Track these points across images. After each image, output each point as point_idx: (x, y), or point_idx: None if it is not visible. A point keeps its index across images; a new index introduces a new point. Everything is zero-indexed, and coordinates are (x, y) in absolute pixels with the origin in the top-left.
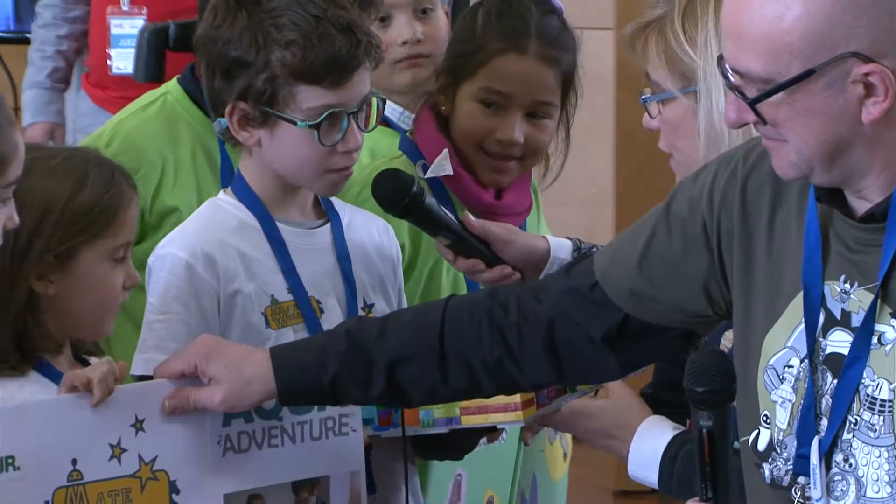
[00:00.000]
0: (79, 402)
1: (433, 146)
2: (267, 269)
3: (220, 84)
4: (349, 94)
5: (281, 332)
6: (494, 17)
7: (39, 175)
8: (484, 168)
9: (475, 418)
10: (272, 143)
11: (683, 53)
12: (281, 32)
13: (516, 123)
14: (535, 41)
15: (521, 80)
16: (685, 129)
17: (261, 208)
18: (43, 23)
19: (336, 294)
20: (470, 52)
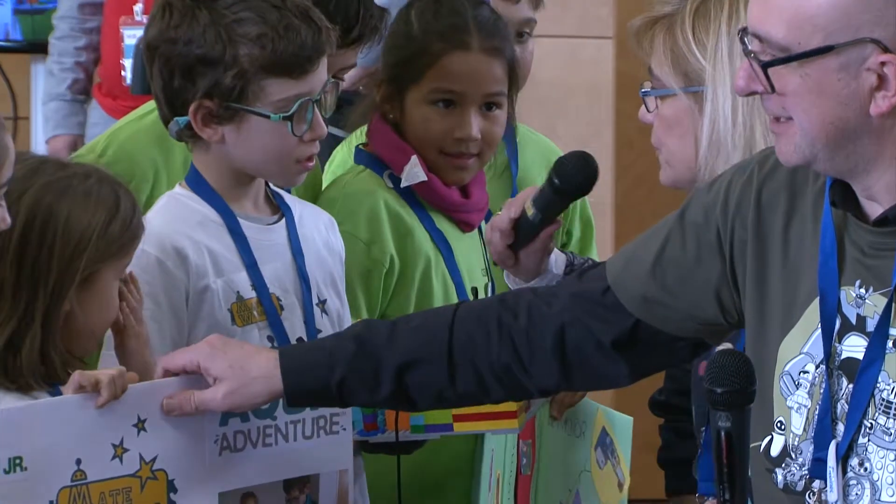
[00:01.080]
0: (85, 402)
1: (398, 155)
2: (232, 265)
3: (181, 83)
4: (314, 81)
5: (246, 330)
6: (431, 18)
7: (76, 201)
8: (445, 169)
9: (468, 425)
10: (238, 138)
11: (690, 54)
12: (245, 27)
13: (472, 119)
14: (476, 35)
15: (469, 75)
16: (680, 128)
17: (221, 202)
18: (60, 34)
19: (294, 291)
20: (412, 57)
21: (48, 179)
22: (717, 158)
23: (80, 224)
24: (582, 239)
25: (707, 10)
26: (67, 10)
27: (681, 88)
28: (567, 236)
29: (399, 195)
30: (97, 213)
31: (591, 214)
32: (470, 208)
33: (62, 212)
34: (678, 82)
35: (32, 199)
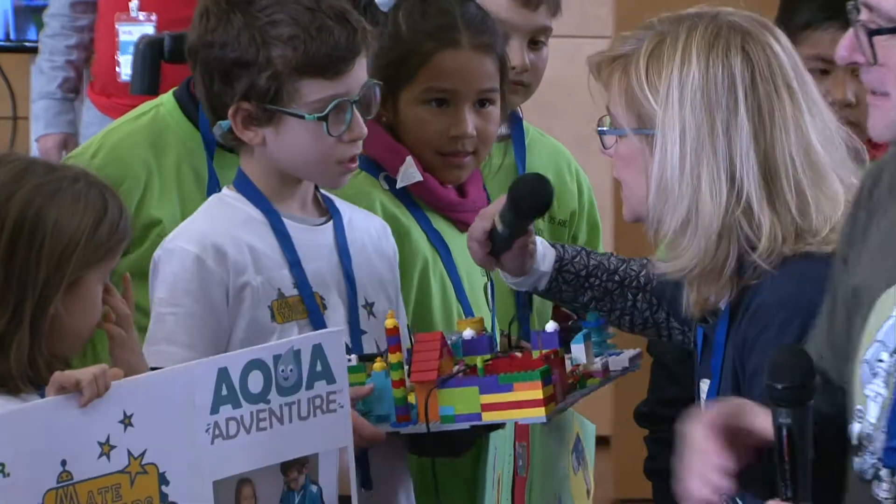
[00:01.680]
0: (67, 402)
1: (393, 157)
2: (274, 262)
3: (220, 87)
4: (351, 82)
5: (286, 327)
6: (419, 18)
7: (65, 205)
8: (442, 168)
9: (496, 414)
10: (278, 139)
11: (643, 97)
12: (278, 29)
13: (466, 117)
14: (466, 32)
15: (462, 73)
16: (635, 166)
17: (266, 203)
18: (51, 32)
19: (338, 291)
20: (402, 58)
21: (38, 182)
22: (664, 206)
23: (69, 228)
24: (588, 243)
25: (661, 52)
26: (59, 7)
27: (632, 130)
28: (573, 240)
29: (395, 196)
30: (85, 217)
31: (598, 218)
32: (467, 208)
33: (51, 215)
34: (630, 123)
35: (22, 201)
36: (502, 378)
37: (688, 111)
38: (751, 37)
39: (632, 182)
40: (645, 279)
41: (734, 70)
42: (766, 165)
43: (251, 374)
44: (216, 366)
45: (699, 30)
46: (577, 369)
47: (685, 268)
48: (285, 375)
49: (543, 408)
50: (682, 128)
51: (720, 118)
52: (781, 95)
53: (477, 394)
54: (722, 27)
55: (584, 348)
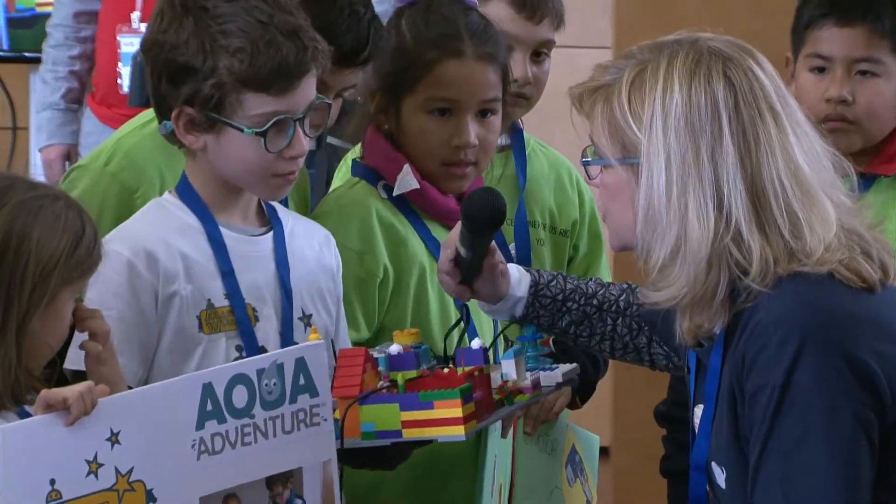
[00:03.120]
0: (55, 421)
1: (392, 166)
2: (207, 272)
3: (166, 88)
4: (296, 100)
5: (213, 338)
6: (423, 27)
7: (47, 224)
8: (444, 178)
9: (416, 431)
10: (218, 147)
11: (627, 126)
12: (228, 39)
13: (469, 126)
14: (469, 42)
15: (465, 83)
16: (621, 196)
17: (204, 211)
18: (55, 43)
19: (273, 303)
20: (405, 67)
21: (22, 198)
22: (652, 235)
23: (51, 246)
24: (590, 254)
25: (642, 81)
26: (62, 18)
27: (617, 160)
28: (574, 250)
29: (393, 205)
30: (65, 237)
31: (600, 228)
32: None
33: (35, 233)
34: (615, 153)
35: (8, 217)
36: (422, 395)
37: (672, 139)
38: (732, 62)
39: (618, 212)
40: (625, 303)
41: (717, 96)
42: (753, 190)
43: (235, 389)
44: (201, 381)
45: (680, 57)
46: (506, 385)
47: (675, 296)
48: (269, 389)
49: (463, 426)
50: (666, 156)
51: (705, 144)
52: (766, 119)
53: (398, 410)
54: (703, 53)
55: (514, 364)
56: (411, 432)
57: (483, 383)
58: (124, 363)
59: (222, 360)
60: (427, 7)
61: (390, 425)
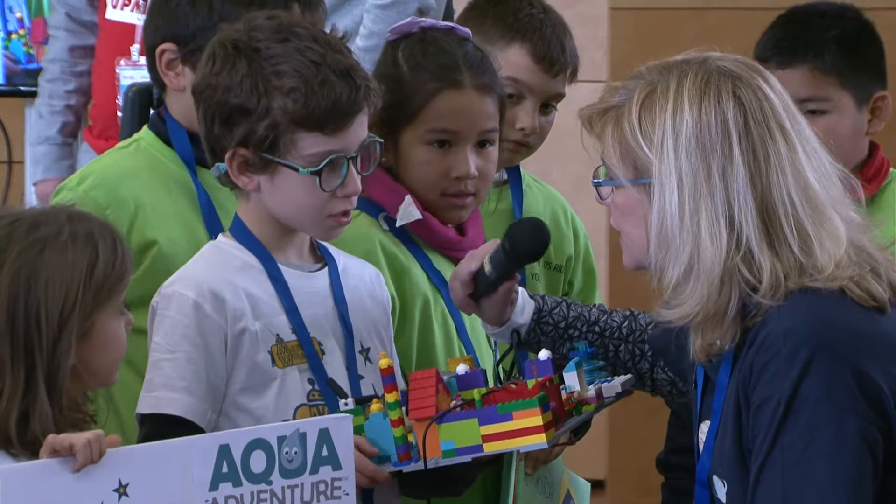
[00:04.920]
0: (61, 466)
1: (392, 197)
2: (271, 309)
3: (220, 130)
4: (349, 139)
5: (286, 372)
6: (420, 58)
7: (53, 266)
8: (443, 208)
9: (498, 444)
10: (272, 188)
11: (638, 147)
12: (281, 79)
13: (469, 157)
14: (467, 73)
15: (464, 114)
16: (633, 216)
17: (262, 249)
18: (50, 77)
19: (335, 337)
20: (404, 98)
21: (22, 247)
22: (666, 255)
23: (62, 288)
24: (584, 290)
25: (652, 102)
26: (58, 52)
27: (629, 181)
28: (569, 286)
29: (395, 236)
30: (76, 270)
31: (594, 264)
32: (466, 246)
33: (41, 279)
34: (626, 174)
35: (11, 272)
36: (501, 408)
37: (683, 158)
38: (741, 81)
39: (631, 232)
40: (627, 330)
41: (727, 115)
42: (763, 208)
43: (254, 454)
44: (217, 442)
45: (689, 77)
46: (572, 396)
47: (688, 314)
48: (289, 457)
49: (544, 434)
50: (678, 175)
51: (716, 164)
52: (775, 137)
53: (476, 425)
54: (712, 73)
55: (576, 376)
56: (492, 445)
57: (555, 393)
58: (193, 404)
59: (300, 392)
60: (423, 38)
61: (470, 441)
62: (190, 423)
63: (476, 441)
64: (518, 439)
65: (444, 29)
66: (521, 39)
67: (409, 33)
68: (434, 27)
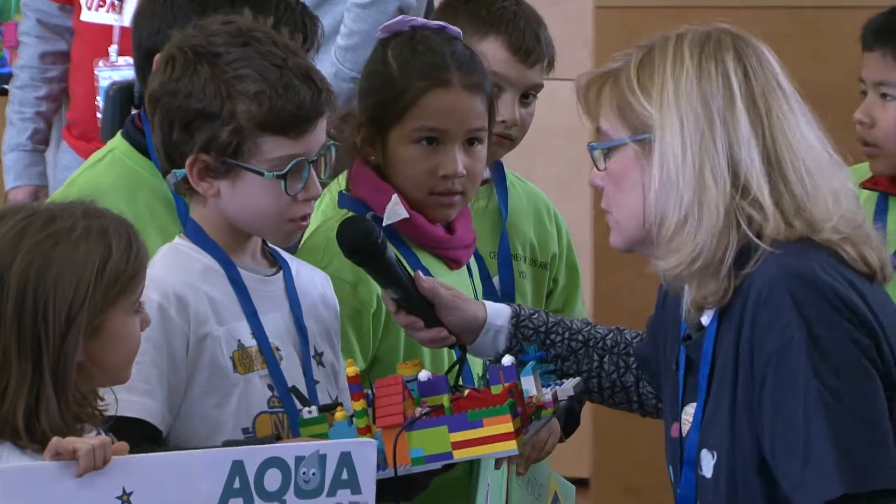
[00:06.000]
0: (62, 470)
1: (379, 196)
2: (232, 313)
3: (179, 136)
4: (311, 142)
5: (248, 378)
6: (409, 57)
7: (64, 262)
8: (431, 207)
9: (468, 451)
10: (233, 193)
11: (637, 103)
12: (245, 84)
13: (457, 156)
14: (456, 72)
15: (452, 112)
16: (629, 181)
17: (221, 253)
18: (21, 84)
19: (292, 341)
20: (392, 97)
21: (35, 240)
22: (668, 198)
23: (72, 283)
24: (567, 286)
25: (651, 59)
26: (28, 59)
27: (628, 138)
28: (553, 283)
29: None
30: (87, 265)
31: (576, 261)
32: (455, 244)
33: (51, 275)
34: (626, 133)
35: (22, 265)
36: (471, 414)
37: (684, 104)
38: (741, 38)
39: (624, 200)
40: (612, 342)
41: (727, 65)
42: (767, 155)
43: (269, 472)
44: (231, 457)
45: (689, 35)
46: (532, 401)
47: (685, 261)
48: (307, 478)
49: (514, 440)
50: (680, 122)
51: (716, 109)
52: (776, 93)
53: (446, 432)
54: (711, 31)
55: (532, 380)
56: (462, 453)
57: (520, 399)
58: (154, 407)
59: (261, 400)
60: (413, 37)
61: (440, 448)
62: (150, 426)
63: (446, 448)
64: (489, 446)
65: (434, 28)
66: (495, 32)
67: (399, 32)
68: (424, 26)
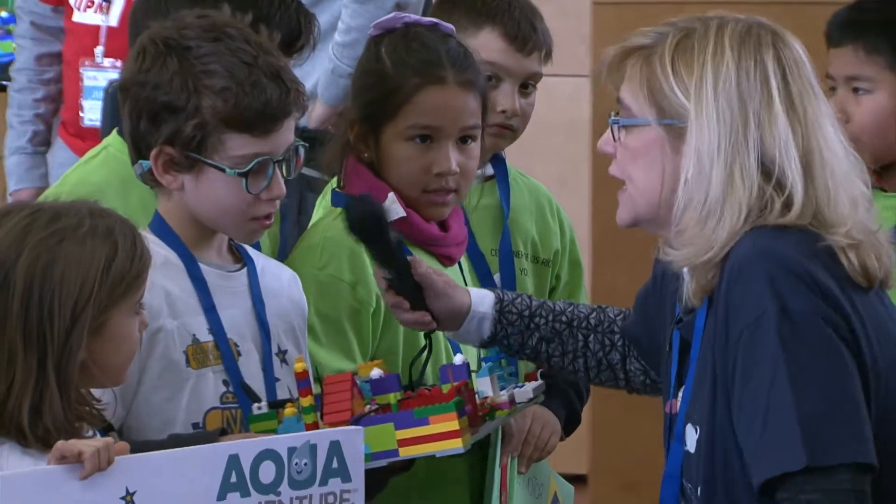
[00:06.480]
0: (68, 473)
1: (376, 195)
2: (189, 307)
3: (146, 127)
4: (276, 142)
5: (201, 373)
6: (403, 54)
7: (70, 259)
8: (425, 205)
9: (413, 449)
10: (196, 188)
11: (669, 88)
12: (212, 79)
13: (450, 154)
14: (450, 69)
15: (446, 110)
16: (646, 158)
17: (183, 248)
18: (18, 87)
19: (252, 338)
20: (386, 94)
21: (40, 237)
22: (695, 192)
23: (78, 280)
24: (570, 282)
25: (690, 45)
26: (24, 62)
27: (655, 120)
28: (556, 280)
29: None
30: (93, 263)
31: (580, 257)
32: (449, 242)
33: (56, 273)
34: (652, 114)
35: (28, 261)
36: (417, 412)
37: (722, 102)
38: (779, 37)
39: (639, 176)
40: (595, 321)
41: (766, 65)
42: (804, 156)
43: (263, 464)
44: (227, 452)
45: (730, 26)
46: (486, 402)
47: (697, 254)
48: (299, 469)
49: (460, 438)
50: (717, 118)
51: (753, 110)
52: (810, 94)
53: (392, 430)
54: (752, 25)
55: (489, 381)
56: (408, 450)
57: (470, 397)
58: (105, 401)
59: (213, 395)
60: (406, 34)
61: (386, 445)
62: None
63: (392, 445)
64: (434, 444)
65: (427, 25)
66: (491, 23)
67: (392, 29)
68: (417, 23)
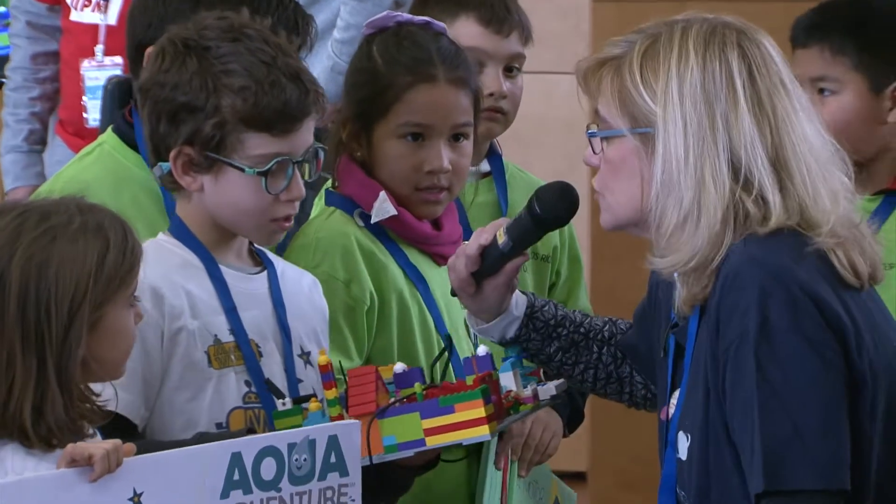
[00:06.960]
0: (78, 477)
1: (367, 193)
2: (210, 308)
3: (165, 128)
4: (296, 142)
5: (223, 373)
6: (395, 52)
7: (64, 257)
8: (417, 203)
9: (440, 437)
10: (216, 188)
11: (638, 96)
12: (231, 78)
13: (442, 152)
14: (441, 67)
15: (438, 108)
16: (626, 169)
17: (203, 249)
18: (14, 86)
19: (274, 339)
20: (378, 92)
21: (32, 236)
22: (668, 198)
23: (73, 277)
24: (570, 278)
25: (656, 51)
26: (20, 60)
27: (628, 129)
28: (556, 276)
29: (371, 233)
30: (87, 260)
31: (579, 253)
32: (442, 241)
33: (51, 271)
34: (625, 123)
35: (22, 261)
36: (443, 400)
37: (689, 105)
38: (745, 35)
39: (619, 188)
40: (608, 333)
41: (731, 65)
42: (775, 154)
43: (264, 461)
44: (230, 449)
45: (694, 28)
46: (509, 395)
47: (681, 261)
48: (299, 464)
49: (487, 426)
50: (684, 122)
51: (720, 111)
52: (779, 92)
53: (419, 419)
54: (717, 25)
55: (512, 376)
56: (435, 439)
57: (495, 388)
58: (129, 401)
59: (235, 395)
60: (398, 33)
61: (412, 435)
62: (124, 419)
63: (418, 435)
64: (461, 432)
65: (419, 23)
66: (464, 10)
67: (384, 27)
68: (410, 22)
